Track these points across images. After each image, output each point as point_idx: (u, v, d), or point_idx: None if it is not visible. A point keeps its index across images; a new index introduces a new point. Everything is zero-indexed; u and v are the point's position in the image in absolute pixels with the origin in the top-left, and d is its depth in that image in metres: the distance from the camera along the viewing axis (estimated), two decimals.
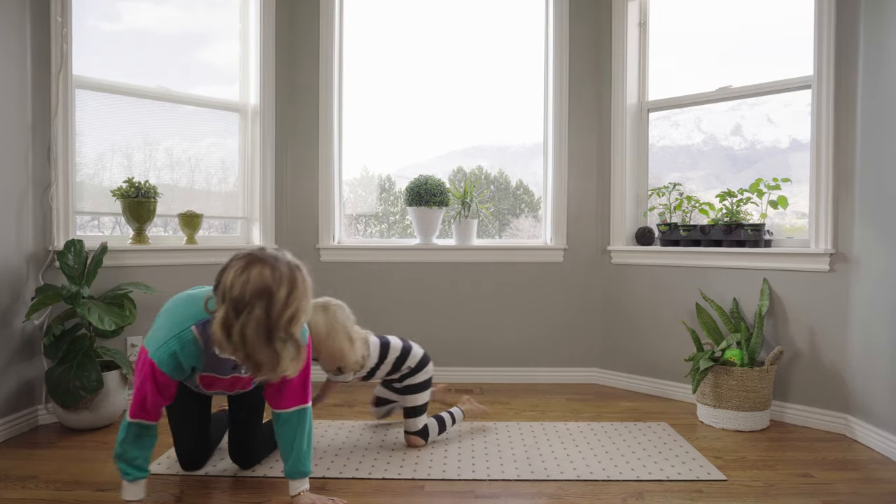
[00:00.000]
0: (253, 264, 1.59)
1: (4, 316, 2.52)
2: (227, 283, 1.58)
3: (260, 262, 1.60)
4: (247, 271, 1.57)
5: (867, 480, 2.14)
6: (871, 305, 2.48)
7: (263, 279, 1.57)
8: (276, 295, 1.57)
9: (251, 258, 1.61)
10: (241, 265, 1.59)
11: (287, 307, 1.59)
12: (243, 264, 1.59)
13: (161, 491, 2.01)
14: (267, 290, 1.56)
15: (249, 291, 1.55)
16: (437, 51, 3.67)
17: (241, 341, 1.56)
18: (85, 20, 2.92)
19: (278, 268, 1.60)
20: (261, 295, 1.56)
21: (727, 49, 3.23)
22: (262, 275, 1.57)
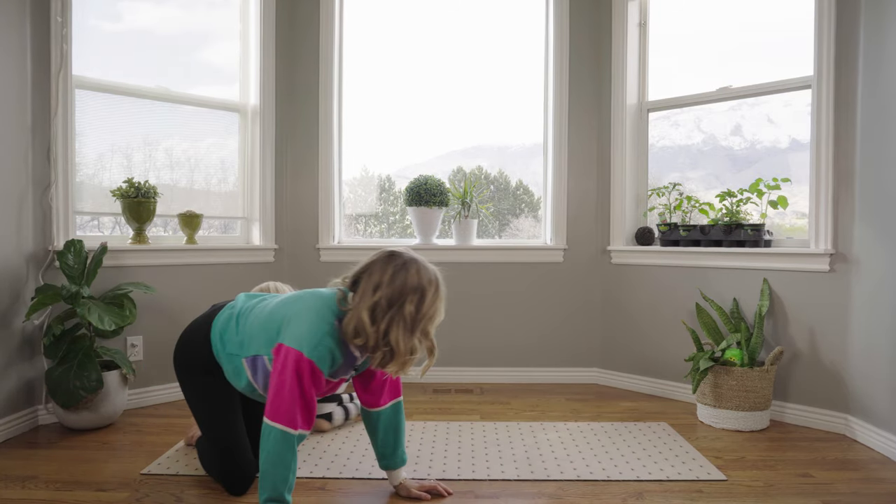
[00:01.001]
0: (411, 263, 1.73)
1: (4, 316, 2.52)
2: (385, 276, 1.69)
3: (415, 262, 1.75)
4: (406, 268, 1.71)
5: (867, 480, 2.14)
6: (871, 305, 2.48)
7: (420, 278, 1.71)
8: (427, 294, 1.72)
9: (408, 258, 1.75)
10: (401, 262, 1.72)
11: (431, 307, 1.73)
12: (402, 262, 1.72)
13: (161, 491, 2.01)
14: (421, 288, 1.71)
15: (409, 287, 1.69)
16: (437, 51, 3.67)
17: (385, 331, 1.68)
18: (85, 20, 2.92)
19: (430, 270, 1.77)
20: (415, 291, 1.70)
21: (727, 49, 3.23)
22: (419, 274, 1.72)
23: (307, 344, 1.67)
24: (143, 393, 2.99)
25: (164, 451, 2.35)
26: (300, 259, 3.55)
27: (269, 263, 3.46)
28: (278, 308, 1.82)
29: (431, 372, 3.50)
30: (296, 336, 1.69)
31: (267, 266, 3.45)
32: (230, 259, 3.30)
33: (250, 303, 1.95)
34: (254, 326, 1.84)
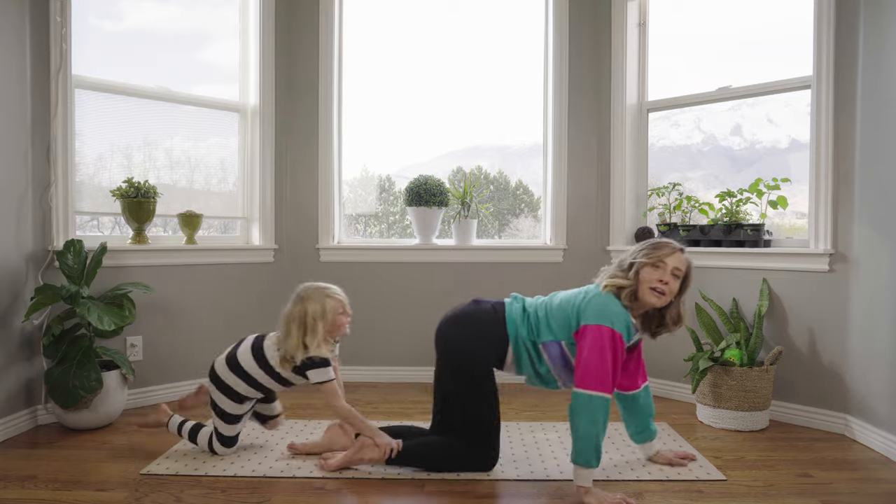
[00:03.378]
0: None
1: (4, 316, 2.52)
2: (680, 259, 2.06)
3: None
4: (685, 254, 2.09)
5: (867, 480, 2.14)
6: (871, 305, 2.48)
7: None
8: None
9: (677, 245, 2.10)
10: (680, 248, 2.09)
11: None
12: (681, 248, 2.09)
13: (161, 491, 2.00)
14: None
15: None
16: (438, 51, 3.67)
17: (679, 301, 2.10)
18: (86, 20, 2.92)
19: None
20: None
21: (727, 49, 3.23)
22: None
23: (613, 320, 1.98)
24: (142, 393, 2.99)
25: (163, 451, 2.35)
26: (300, 259, 3.55)
27: (269, 263, 3.46)
28: (567, 301, 2.11)
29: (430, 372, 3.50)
30: (594, 316, 1.99)
31: (267, 266, 3.45)
32: (230, 259, 3.30)
33: (536, 300, 2.22)
34: (553, 317, 2.11)
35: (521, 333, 2.12)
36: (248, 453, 2.34)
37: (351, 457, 2.18)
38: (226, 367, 2.21)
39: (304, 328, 2.15)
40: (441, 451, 2.17)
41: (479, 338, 2.15)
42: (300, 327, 2.16)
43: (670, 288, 2.03)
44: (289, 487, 2.05)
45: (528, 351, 2.12)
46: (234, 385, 2.20)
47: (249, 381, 2.20)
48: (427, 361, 3.51)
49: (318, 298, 2.19)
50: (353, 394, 3.23)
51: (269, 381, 2.21)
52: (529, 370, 2.15)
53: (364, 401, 3.10)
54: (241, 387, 2.21)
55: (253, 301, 3.40)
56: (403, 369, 3.54)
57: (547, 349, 2.09)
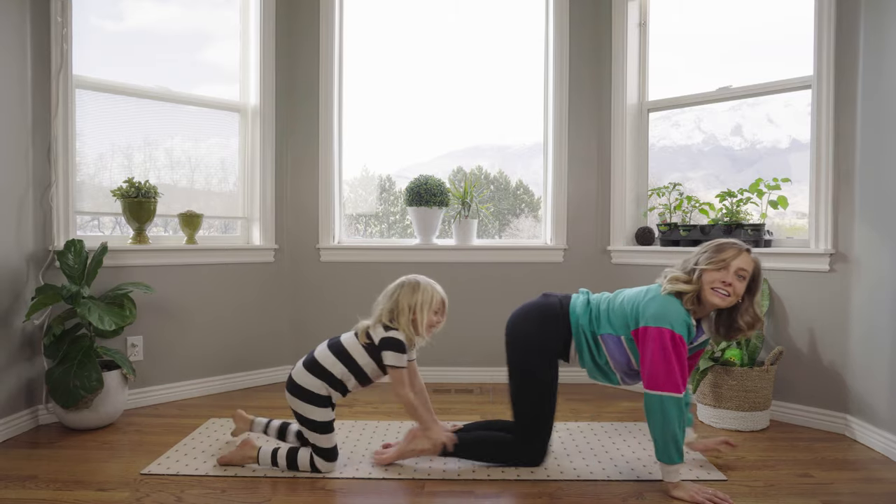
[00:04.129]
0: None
1: (5, 316, 2.52)
2: (746, 259, 2.04)
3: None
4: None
5: (867, 480, 2.14)
6: (871, 305, 2.48)
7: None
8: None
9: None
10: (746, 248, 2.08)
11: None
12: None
13: (161, 491, 2.01)
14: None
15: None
16: (438, 51, 3.67)
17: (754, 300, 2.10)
18: (87, 20, 2.92)
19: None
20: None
21: (727, 49, 3.23)
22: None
23: (674, 322, 2.00)
24: (143, 393, 2.99)
25: (164, 451, 2.35)
26: (300, 259, 3.55)
27: (269, 263, 3.47)
28: (629, 299, 2.15)
29: (431, 372, 3.51)
30: (654, 318, 2.01)
31: (267, 266, 3.45)
32: (230, 259, 3.30)
33: (601, 295, 2.26)
34: (613, 312, 2.15)
35: (582, 322, 2.18)
36: None
37: (403, 448, 2.23)
38: (304, 371, 2.15)
39: (406, 309, 2.17)
40: (492, 446, 2.24)
41: (543, 329, 2.21)
42: (403, 308, 2.17)
43: (734, 289, 2.02)
44: (289, 487, 2.05)
45: (587, 341, 2.17)
46: (317, 389, 2.12)
47: (328, 379, 2.13)
48: (427, 362, 3.52)
49: (430, 290, 2.22)
50: (353, 393, 3.22)
51: (346, 374, 2.14)
52: (590, 362, 2.21)
53: (364, 401, 3.10)
54: (323, 388, 2.13)
55: (253, 301, 3.40)
56: None
57: (605, 341, 2.15)
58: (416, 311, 2.16)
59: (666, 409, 1.95)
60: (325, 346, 2.20)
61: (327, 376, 2.12)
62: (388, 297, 2.22)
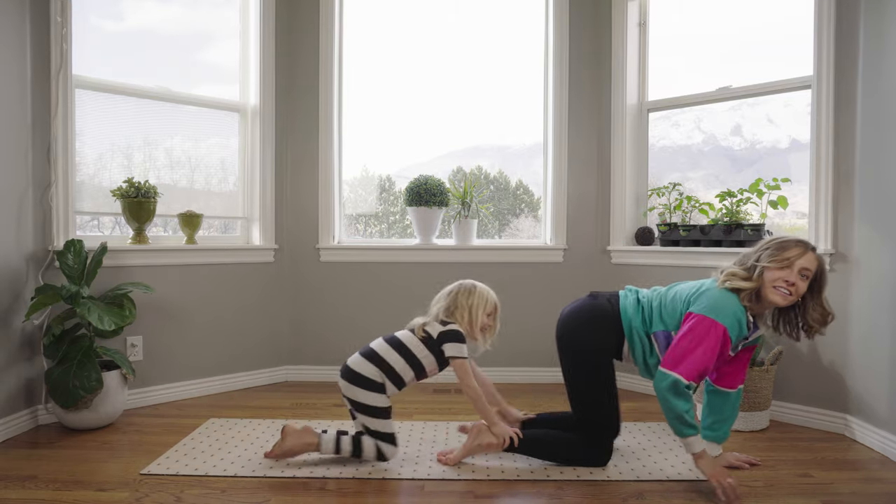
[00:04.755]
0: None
1: (4, 316, 2.52)
2: (810, 259, 2.02)
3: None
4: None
5: (867, 480, 2.14)
6: (871, 305, 2.48)
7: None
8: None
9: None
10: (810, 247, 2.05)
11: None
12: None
13: (161, 491, 2.01)
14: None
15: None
16: (438, 51, 3.67)
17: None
18: (87, 19, 2.92)
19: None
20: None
21: (727, 49, 3.23)
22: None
23: (726, 314, 1.99)
24: (142, 393, 2.99)
25: (163, 451, 2.35)
26: (300, 259, 3.55)
27: (269, 263, 3.46)
28: (681, 292, 2.14)
29: None
30: (707, 308, 2.01)
31: (267, 266, 3.45)
32: (230, 259, 3.30)
33: (651, 292, 2.25)
34: (665, 308, 2.14)
35: (636, 324, 2.17)
36: (249, 453, 2.34)
37: (470, 445, 2.24)
38: (363, 360, 2.22)
39: (464, 308, 2.26)
40: (558, 445, 2.25)
41: (596, 330, 2.21)
42: (461, 307, 2.27)
43: (797, 289, 2.00)
44: (289, 487, 2.05)
45: (641, 342, 2.17)
46: (372, 376, 2.19)
47: (388, 371, 2.20)
48: None
49: (485, 294, 2.32)
50: None
51: (405, 368, 2.21)
52: (641, 361, 2.20)
53: None
54: (379, 376, 2.19)
55: (253, 301, 3.40)
56: None
57: (657, 338, 2.13)
58: (472, 310, 2.26)
59: (671, 389, 1.95)
60: (381, 340, 2.28)
61: (387, 368, 2.20)
62: (445, 296, 2.32)
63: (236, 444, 2.43)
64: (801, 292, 2.02)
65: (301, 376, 3.55)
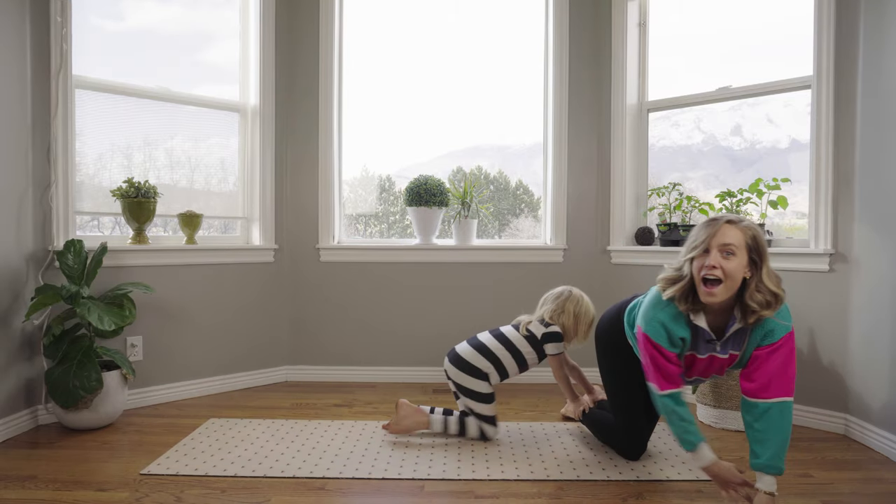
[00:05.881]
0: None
1: (4, 316, 2.52)
2: (729, 233, 1.79)
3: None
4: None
5: (867, 480, 2.14)
6: (871, 305, 2.48)
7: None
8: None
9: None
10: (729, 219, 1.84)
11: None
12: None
13: (161, 491, 2.01)
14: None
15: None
16: (437, 51, 3.67)
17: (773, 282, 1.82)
18: (87, 19, 2.92)
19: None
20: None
21: (727, 49, 3.23)
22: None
23: (644, 319, 1.96)
24: (142, 393, 2.99)
25: (163, 451, 2.35)
26: (300, 259, 3.55)
27: (269, 263, 3.46)
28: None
29: (431, 372, 3.51)
30: (640, 315, 1.99)
31: (267, 266, 3.45)
32: (230, 259, 3.30)
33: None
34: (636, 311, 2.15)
35: (627, 323, 2.23)
36: (249, 453, 2.34)
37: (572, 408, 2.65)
38: (473, 351, 2.52)
39: (570, 315, 2.54)
40: (607, 429, 2.40)
41: (613, 330, 2.29)
42: (567, 313, 2.54)
43: (726, 270, 1.75)
44: (289, 487, 2.05)
45: (633, 342, 2.20)
46: (482, 366, 2.48)
47: (496, 364, 2.49)
48: (426, 362, 3.53)
49: (591, 308, 2.59)
50: (353, 394, 3.23)
51: (510, 360, 2.50)
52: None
53: (363, 401, 3.10)
54: (487, 367, 2.49)
55: (253, 301, 3.40)
56: (402, 369, 3.54)
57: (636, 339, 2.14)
58: (577, 318, 2.55)
59: (657, 399, 1.94)
60: (488, 334, 2.57)
61: (495, 360, 2.49)
62: (553, 299, 2.59)
63: (236, 444, 2.43)
64: (733, 272, 1.76)
65: (301, 376, 3.55)
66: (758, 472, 1.82)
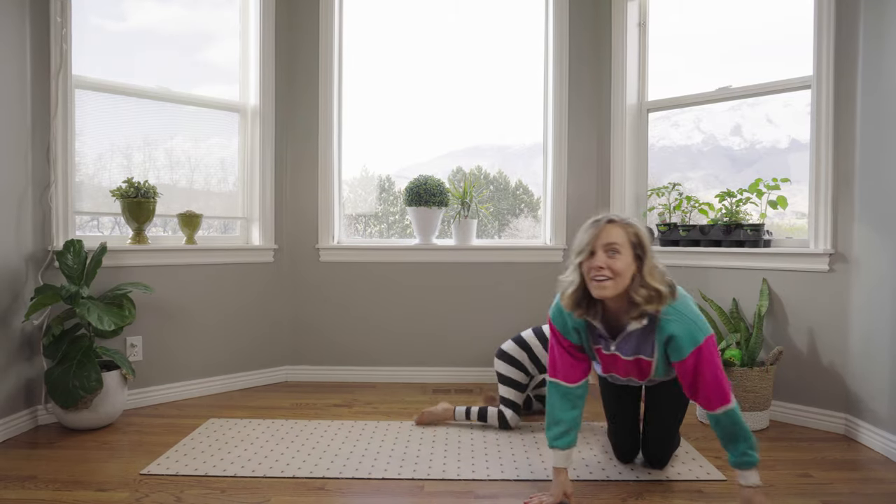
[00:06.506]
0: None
1: (4, 316, 2.52)
2: (610, 232, 1.86)
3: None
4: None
5: (867, 480, 2.14)
6: (871, 305, 2.48)
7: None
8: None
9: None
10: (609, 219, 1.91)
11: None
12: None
13: (161, 491, 2.00)
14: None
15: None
16: (437, 51, 3.67)
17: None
18: (88, 19, 2.92)
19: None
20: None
21: (727, 49, 3.23)
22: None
23: (553, 315, 2.04)
24: (142, 393, 2.99)
25: (163, 451, 2.35)
26: (300, 259, 3.55)
27: (269, 263, 3.46)
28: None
29: (431, 372, 3.51)
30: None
31: (267, 266, 3.45)
32: (230, 259, 3.30)
33: None
34: None
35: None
36: (249, 453, 2.34)
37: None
38: (517, 347, 2.66)
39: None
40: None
41: None
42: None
43: (613, 268, 1.78)
44: (289, 487, 2.05)
45: None
46: (521, 359, 2.63)
47: (534, 359, 2.63)
48: (426, 362, 3.53)
49: None
50: (353, 394, 3.23)
51: (539, 349, 2.63)
52: None
53: (363, 401, 3.10)
54: (526, 360, 2.63)
55: (253, 301, 3.40)
56: (402, 369, 3.54)
57: None
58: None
59: (548, 390, 2.02)
60: (531, 332, 2.69)
61: (533, 356, 2.63)
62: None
63: (236, 445, 2.43)
64: (621, 270, 1.78)
65: (301, 376, 3.54)
66: (737, 470, 1.84)
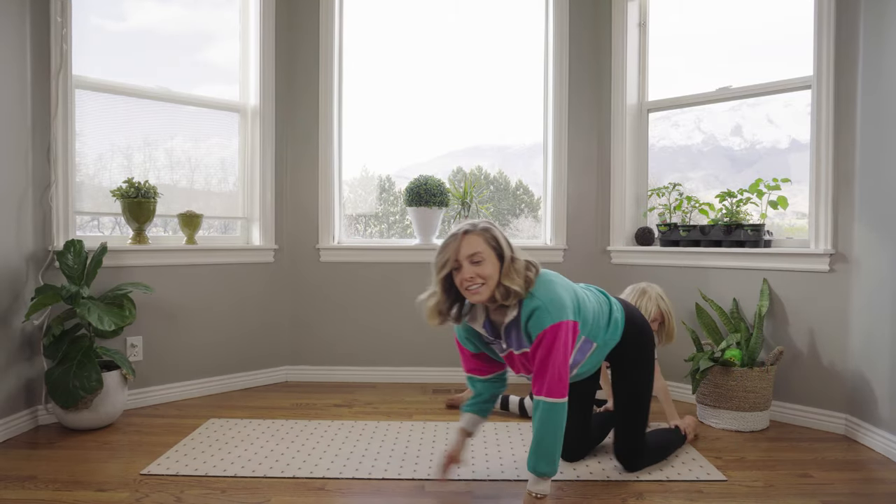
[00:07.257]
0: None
1: (4, 316, 2.52)
2: (468, 243, 1.91)
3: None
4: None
5: (867, 480, 2.14)
6: (871, 305, 2.48)
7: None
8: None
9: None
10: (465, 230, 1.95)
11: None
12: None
13: (161, 491, 2.01)
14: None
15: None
16: (437, 51, 3.67)
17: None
18: (88, 19, 2.92)
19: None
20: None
21: (727, 49, 3.23)
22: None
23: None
24: (142, 393, 2.99)
25: (163, 451, 2.35)
26: (300, 259, 3.55)
27: (269, 263, 3.46)
28: None
29: (431, 372, 3.51)
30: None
31: (267, 266, 3.45)
32: (230, 259, 3.30)
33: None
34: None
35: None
36: (249, 453, 2.34)
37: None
38: None
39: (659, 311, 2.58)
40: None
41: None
42: (650, 307, 2.56)
43: (482, 275, 1.83)
44: (289, 487, 2.05)
45: None
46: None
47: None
48: (426, 362, 3.53)
49: (669, 306, 2.61)
50: (353, 394, 3.23)
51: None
52: None
53: (363, 401, 3.10)
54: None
55: (253, 301, 3.40)
56: (403, 370, 3.54)
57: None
58: (668, 314, 2.57)
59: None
60: None
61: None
62: (649, 299, 2.57)
63: (236, 445, 2.43)
64: (489, 273, 1.83)
65: (301, 376, 3.55)
66: (530, 474, 1.82)
